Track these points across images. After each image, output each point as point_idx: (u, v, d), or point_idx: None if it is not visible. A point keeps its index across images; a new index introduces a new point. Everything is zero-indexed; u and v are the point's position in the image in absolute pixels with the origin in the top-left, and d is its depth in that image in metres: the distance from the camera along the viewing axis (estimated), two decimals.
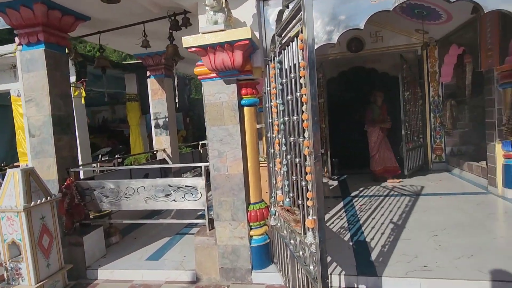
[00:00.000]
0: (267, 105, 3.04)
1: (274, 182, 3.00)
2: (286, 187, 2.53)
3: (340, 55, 7.60)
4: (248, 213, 3.16)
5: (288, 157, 2.45)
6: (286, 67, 2.39)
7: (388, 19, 6.88)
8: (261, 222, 3.20)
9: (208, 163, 3.20)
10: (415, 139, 6.99)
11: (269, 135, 3.07)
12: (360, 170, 7.96)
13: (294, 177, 2.35)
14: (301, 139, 2.10)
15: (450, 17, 5.70)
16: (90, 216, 3.88)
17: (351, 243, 3.61)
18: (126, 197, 3.49)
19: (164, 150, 6.20)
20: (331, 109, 7.54)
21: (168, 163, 6.04)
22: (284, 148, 2.53)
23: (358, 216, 4.49)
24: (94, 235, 3.62)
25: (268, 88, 2.92)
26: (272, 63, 2.69)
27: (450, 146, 7.13)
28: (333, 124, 8.81)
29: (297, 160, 2.21)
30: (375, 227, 4.03)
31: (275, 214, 3.03)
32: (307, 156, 1.98)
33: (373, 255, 3.26)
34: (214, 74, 3.08)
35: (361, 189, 5.99)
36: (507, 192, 4.78)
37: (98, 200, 3.57)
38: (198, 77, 3.15)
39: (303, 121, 1.99)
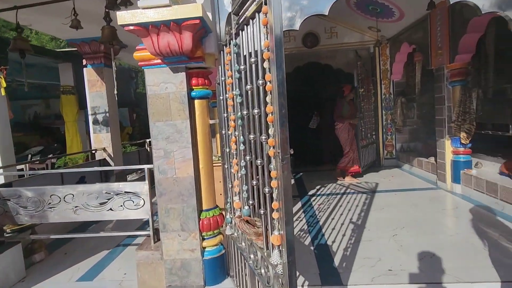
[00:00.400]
0: (221, 97, 2.65)
1: (230, 186, 2.63)
2: (245, 192, 2.17)
3: (295, 50, 7.42)
4: (200, 222, 2.75)
5: (248, 158, 2.09)
6: (245, 52, 2.02)
7: (343, 16, 6.84)
8: (215, 231, 2.81)
9: (153, 164, 2.73)
10: (368, 136, 7.05)
11: (224, 132, 2.68)
12: (315, 167, 7.91)
13: (254, 182, 2.00)
14: (263, 137, 1.75)
15: (402, 15, 5.76)
16: (7, 230, 3.19)
17: (312, 248, 3.37)
18: (50, 208, 2.88)
19: (104, 149, 5.50)
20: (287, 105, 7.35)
21: (109, 164, 5.37)
22: (242, 147, 2.17)
23: (317, 216, 4.30)
24: (8, 254, 2.95)
25: (223, 78, 2.53)
26: (228, 47, 2.30)
27: (400, 142, 7.33)
28: (288, 120, 8.54)
29: (259, 162, 1.86)
30: (336, 228, 3.85)
31: (231, 222, 2.67)
32: (271, 158, 1.64)
33: (336, 261, 3.04)
34: (159, 60, 2.61)
35: (318, 187, 5.85)
36: (455, 187, 4.92)
37: (14, 212, 2.91)
38: (139, 63, 2.66)
39: (266, 114, 1.64)
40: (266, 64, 1.61)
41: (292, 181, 6.50)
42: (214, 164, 2.98)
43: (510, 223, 3.64)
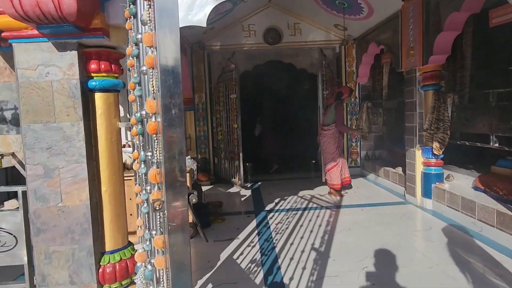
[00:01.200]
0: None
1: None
2: (148, 243, 1.37)
3: (255, 47, 6.71)
4: (101, 270, 1.90)
5: (148, 187, 1.29)
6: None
7: (307, 10, 6.25)
8: (124, 282, 1.97)
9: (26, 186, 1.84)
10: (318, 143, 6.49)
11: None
12: (275, 175, 7.25)
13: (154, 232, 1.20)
14: (149, 153, 0.97)
15: (371, 12, 5.25)
16: None
17: None
18: None
19: (13, 154, 4.39)
20: (244, 107, 6.63)
21: (19, 174, 4.28)
22: (142, 169, 1.36)
23: (274, 241, 3.57)
24: None
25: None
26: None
27: (366, 150, 6.87)
28: (245, 123, 7.94)
29: (148, 189, 1.08)
30: (295, 258, 3.14)
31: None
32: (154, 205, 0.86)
33: None
34: (35, 31, 1.73)
35: (276, 200, 5.15)
36: (426, 202, 4.45)
37: None
38: (3, 34, 1.76)
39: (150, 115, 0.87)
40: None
41: (249, 193, 5.74)
42: (126, 178, 2.14)
43: (491, 249, 3.15)
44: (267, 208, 4.79)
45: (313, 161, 7.57)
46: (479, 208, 3.50)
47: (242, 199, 5.40)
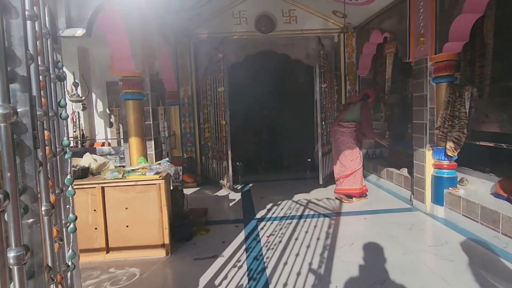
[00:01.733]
0: None
1: None
2: None
3: (247, 35, 6.14)
4: None
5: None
6: None
7: None
8: None
9: None
10: (330, 141, 5.96)
11: None
12: (267, 176, 6.71)
13: None
14: None
15: None
16: None
17: None
18: None
19: None
20: (234, 102, 6.08)
21: None
22: None
23: (264, 259, 3.03)
24: None
25: None
26: None
27: (366, 148, 6.35)
28: (235, 120, 7.42)
29: None
30: (289, 283, 2.60)
31: None
32: None
33: None
34: None
35: (269, 205, 4.61)
36: (437, 209, 3.94)
37: None
38: None
39: None
40: None
41: (238, 196, 5.20)
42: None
43: None
44: (258, 215, 4.25)
45: (309, 160, 7.04)
46: (504, 221, 3.00)
47: (231, 204, 4.86)
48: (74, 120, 6.19)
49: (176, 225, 3.42)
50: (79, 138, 6.14)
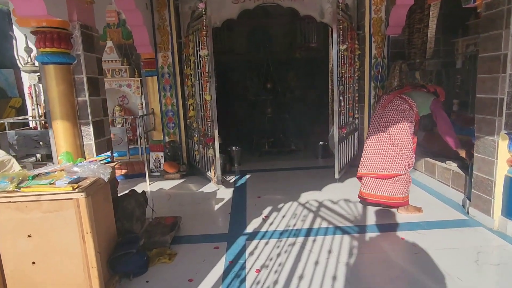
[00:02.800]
0: None
1: None
2: None
3: None
4: None
5: None
6: None
7: None
8: None
9: None
10: (349, 121, 4.64)
11: None
12: (270, 163, 5.45)
13: None
14: None
15: None
16: None
17: None
18: None
19: None
20: (230, 71, 4.79)
21: None
22: None
23: None
24: None
25: None
26: None
27: None
28: (233, 93, 6.16)
29: None
30: None
31: None
32: None
33: None
34: None
35: (266, 211, 3.41)
36: (511, 226, 2.67)
37: None
38: None
39: None
40: None
41: (229, 194, 3.99)
42: None
43: None
44: (249, 228, 3.06)
45: (321, 143, 5.76)
46: None
47: (217, 206, 3.67)
48: (32, 96, 5.01)
49: (119, 255, 2.26)
50: (37, 118, 4.97)
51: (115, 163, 2.45)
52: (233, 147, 5.38)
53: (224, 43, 7.53)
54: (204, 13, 3.70)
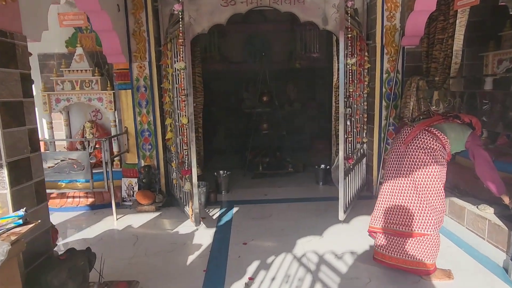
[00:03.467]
0: None
1: None
2: None
3: None
4: None
5: None
6: None
7: None
8: None
9: None
10: (356, 149, 3.92)
11: None
12: (263, 190, 4.67)
13: None
14: None
15: None
16: None
17: None
18: None
19: None
20: (223, 83, 4.08)
21: None
22: None
23: None
24: None
25: None
26: None
27: None
28: (225, 107, 5.52)
29: None
30: None
31: None
32: None
33: None
34: None
35: (251, 269, 2.67)
36: None
37: None
38: None
39: None
40: None
41: (208, 239, 3.24)
42: None
43: None
44: None
45: (322, 167, 5.05)
46: None
47: (191, 258, 2.92)
48: None
49: None
50: None
51: (32, 225, 1.73)
52: (221, 172, 4.67)
53: (216, 51, 6.86)
54: (180, 17, 2.99)
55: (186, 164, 3.27)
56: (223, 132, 7.56)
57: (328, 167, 5.09)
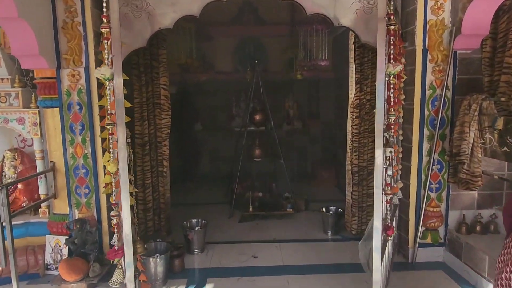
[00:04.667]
0: None
1: None
2: None
3: None
4: None
5: None
6: None
7: None
8: None
9: None
10: (391, 205, 2.61)
11: None
12: (248, 246, 3.28)
13: None
14: None
15: None
16: None
17: None
18: None
19: None
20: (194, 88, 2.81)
21: None
22: None
23: None
24: None
25: None
26: None
27: (460, 209, 2.99)
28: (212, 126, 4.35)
29: None
30: None
31: None
32: None
33: None
34: None
35: None
36: None
37: None
38: None
39: None
40: None
41: None
42: None
43: None
44: None
45: (332, 211, 3.79)
46: None
47: None
48: None
49: None
50: None
51: None
52: (194, 229, 3.34)
53: (200, 57, 5.65)
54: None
55: (116, 238, 1.94)
56: (207, 155, 6.29)
57: (339, 210, 3.84)
